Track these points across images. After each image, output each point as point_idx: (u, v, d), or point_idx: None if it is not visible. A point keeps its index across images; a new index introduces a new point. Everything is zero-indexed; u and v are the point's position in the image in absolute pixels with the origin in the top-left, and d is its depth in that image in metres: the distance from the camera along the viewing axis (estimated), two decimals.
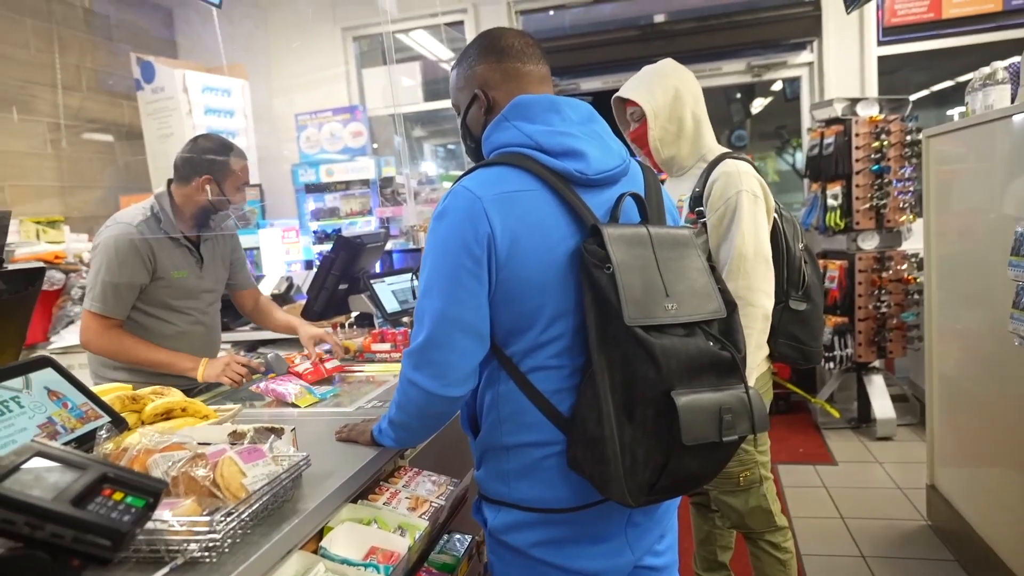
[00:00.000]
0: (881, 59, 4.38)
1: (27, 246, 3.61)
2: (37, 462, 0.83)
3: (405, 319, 2.60)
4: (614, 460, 1.05)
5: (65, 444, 1.12)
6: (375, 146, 4.87)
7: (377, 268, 2.98)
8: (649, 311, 1.05)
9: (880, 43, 4.33)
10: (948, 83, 5.01)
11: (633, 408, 1.05)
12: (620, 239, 1.09)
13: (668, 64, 1.92)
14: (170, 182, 2.20)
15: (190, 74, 4.39)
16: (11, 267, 1.63)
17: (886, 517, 2.99)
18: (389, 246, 3.73)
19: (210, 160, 2.12)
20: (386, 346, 2.30)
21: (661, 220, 1.25)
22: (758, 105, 6.59)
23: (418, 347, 1.16)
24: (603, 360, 1.08)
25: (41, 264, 3.17)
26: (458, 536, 1.62)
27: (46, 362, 1.23)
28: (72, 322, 3.55)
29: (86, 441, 1.16)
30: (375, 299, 2.50)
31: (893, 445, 3.82)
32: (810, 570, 2.62)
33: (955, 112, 5.24)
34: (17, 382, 1.16)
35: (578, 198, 1.14)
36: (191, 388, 2.02)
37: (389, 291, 2.57)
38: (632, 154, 1.32)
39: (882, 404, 3.91)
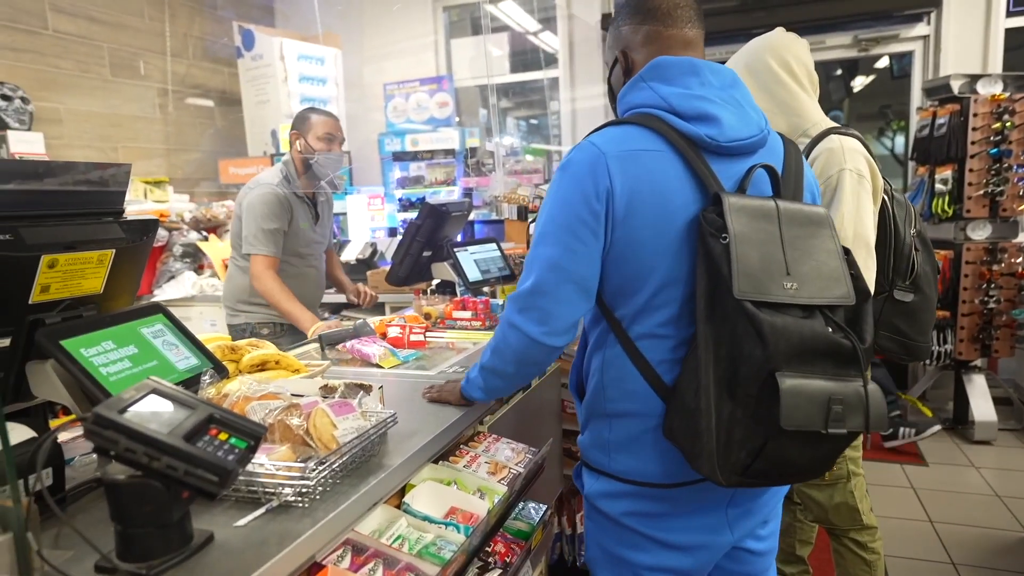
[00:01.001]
0: (1008, 32, 4.01)
1: (136, 204, 3.86)
2: (153, 399, 0.89)
3: (486, 288, 2.61)
4: (707, 434, 1.03)
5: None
6: (458, 118, 4.89)
7: (459, 237, 3.01)
8: (763, 287, 1.01)
9: (1010, 14, 3.96)
10: None
11: (735, 385, 1.02)
12: (742, 210, 1.05)
13: (761, 38, 1.83)
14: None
15: (287, 42, 4.53)
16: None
17: (981, 525, 2.81)
18: (472, 216, 3.75)
19: (296, 119, 2.61)
20: (467, 314, 2.32)
21: (798, 197, 1.17)
22: (859, 84, 6.19)
23: (525, 291, 1.17)
24: (710, 332, 1.05)
25: (155, 217, 3.39)
26: (533, 504, 1.63)
27: (158, 308, 1.31)
28: (173, 277, 3.77)
29: (191, 385, 1.23)
30: (458, 267, 2.53)
31: (992, 450, 3.57)
32: (893, 573, 2.50)
33: None
34: (142, 323, 1.24)
35: (705, 164, 1.10)
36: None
37: (471, 260, 2.59)
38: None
39: (982, 406, 3.66)
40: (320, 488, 1.04)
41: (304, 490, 1.02)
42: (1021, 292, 3.57)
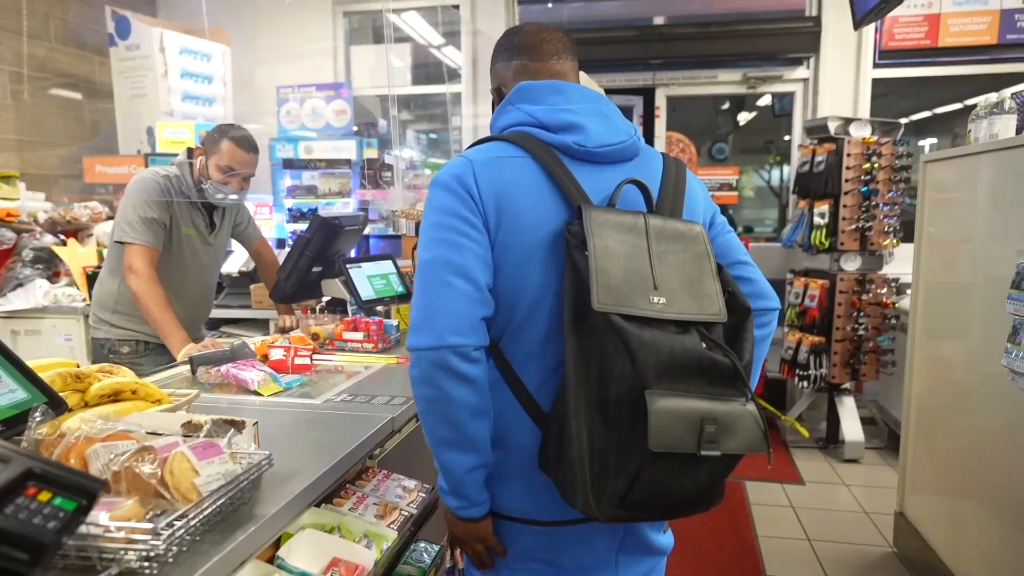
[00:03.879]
0: (875, 81, 4.38)
1: None
2: None
3: (380, 308, 2.47)
4: (579, 461, 0.97)
5: None
6: (356, 127, 4.71)
7: (353, 253, 2.84)
8: (626, 300, 0.97)
9: (876, 65, 4.33)
10: (926, 113, 5.05)
11: (608, 408, 0.96)
12: (606, 223, 1.02)
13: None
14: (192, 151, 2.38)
15: (168, 34, 4.18)
16: None
17: (852, 542, 2.97)
18: (367, 230, 3.59)
19: (211, 132, 2.34)
20: (358, 335, 2.18)
21: (676, 213, 1.14)
22: (743, 119, 6.58)
23: (414, 307, 1.06)
24: (578, 350, 1.00)
25: None
26: (424, 545, 1.51)
27: None
28: (21, 285, 3.33)
29: (16, 425, 1.02)
30: (350, 284, 2.37)
31: (860, 468, 3.81)
32: None
33: (926, 143, 5.30)
34: None
35: (569, 176, 1.08)
36: None
37: (365, 277, 2.44)
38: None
39: (851, 426, 3.91)
40: (174, 548, 0.88)
41: (152, 553, 0.85)
42: (885, 320, 3.85)
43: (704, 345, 0.98)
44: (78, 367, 1.34)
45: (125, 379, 1.35)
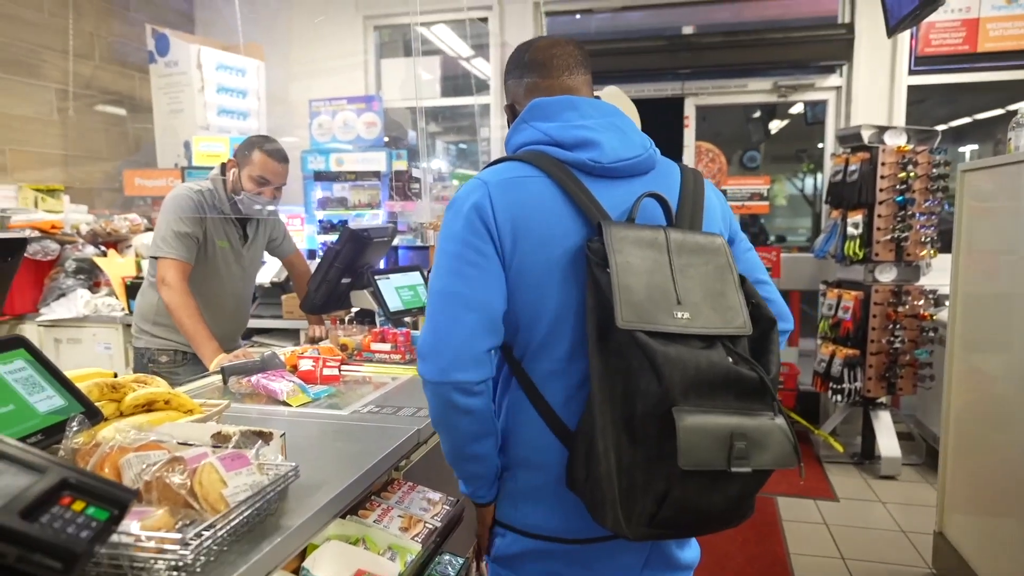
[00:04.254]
0: (911, 88, 4.29)
1: (23, 213, 3.52)
2: None
3: (407, 319, 2.49)
4: (607, 480, 0.96)
5: (29, 436, 1.01)
6: (386, 139, 4.77)
7: (382, 264, 2.88)
8: (650, 316, 0.96)
9: (911, 72, 4.24)
10: (966, 119, 4.92)
11: (634, 425, 0.96)
12: (626, 239, 1.01)
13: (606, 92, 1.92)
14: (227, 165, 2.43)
15: (205, 50, 4.30)
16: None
17: (889, 562, 2.88)
18: (396, 242, 3.63)
19: (243, 144, 2.38)
20: (386, 346, 2.20)
21: (695, 225, 1.13)
22: (775, 127, 6.49)
23: (423, 334, 1.08)
24: (603, 368, 1.00)
25: (24, 235, 3.08)
26: (449, 557, 1.51)
27: (19, 342, 1.13)
28: (63, 295, 3.44)
29: (55, 433, 1.05)
30: (378, 296, 2.40)
31: (897, 485, 3.71)
32: None
33: (967, 150, 5.16)
34: None
35: (586, 193, 1.08)
36: None
37: (393, 288, 2.46)
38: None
39: (888, 442, 3.81)
40: (202, 558, 0.90)
41: (181, 563, 0.87)
42: (923, 333, 3.75)
43: (730, 359, 0.96)
44: (115, 376, 1.39)
45: (159, 389, 1.39)
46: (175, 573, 0.87)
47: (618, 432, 0.97)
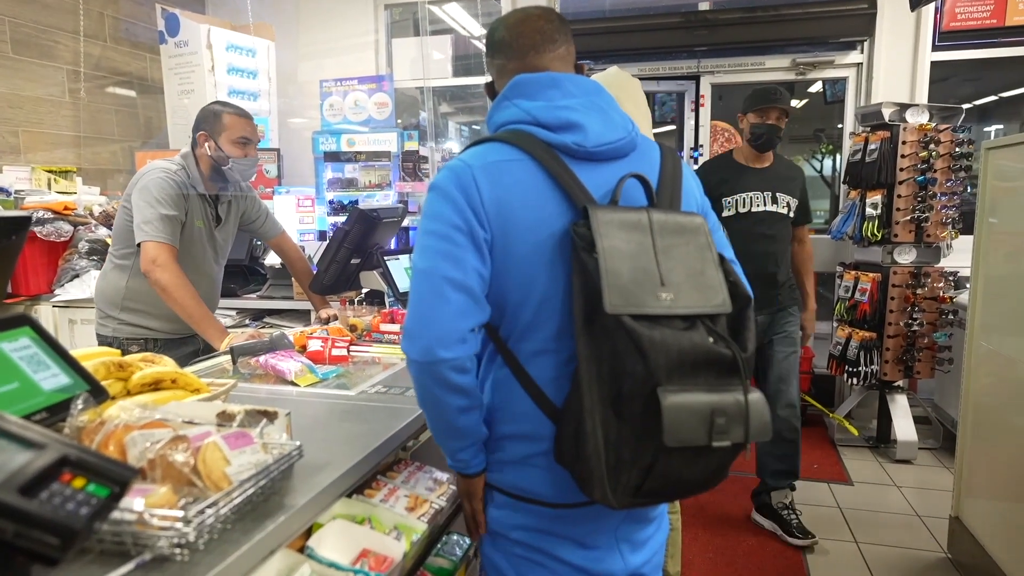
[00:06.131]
0: (934, 64, 4.17)
1: (37, 194, 3.53)
2: None
3: None
4: (595, 457, 1.00)
5: (34, 414, 1.01)
6: (399, 120, 4.73)
7: (392, 245, 2.86)
8: (637, 300, 0.99)
9: (935, 48, 4.12)
10: (992, 97, 4.79)
11: (620, 403, 0.99)
12: (612, 223, 1.03)
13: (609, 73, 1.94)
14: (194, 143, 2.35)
15: (215, 30, 4.27)
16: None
17: (903, 546, 2.86)
18: (406, 222, 3.61)
19: (204, 116, 2.30)
20: (395, 327, 2.18)
21: (675, 204, 1.16)
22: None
23: (408, 313, 1.09)
24: (590, 349, 1.03)
25: (27, 214, 3.09)
26: (457, 537, 1.51)
27: (24, 320, 1.12)
28: (77, 276, 3.46)
29: (60, 411, 1.05)
30: (388, 277, 2.39)
31: (912, 469, 3.67)
32: None
33: (992, 129, 5.02)
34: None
35: (571, 176, 1.09)
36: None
37: (403, 269, 2.45)
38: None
39: (904, 425, 3.76)
40: (205, 536, 0.89)
41: (183, 540, 0.87)
42: (942, 316, 3.69)
43: (711, 339, 1.00)
44: (121, 355, 1.38)
45: (166, 368, 1.39)
46: (178, 550, 0.86)
47: (605, 410, 1.01)
